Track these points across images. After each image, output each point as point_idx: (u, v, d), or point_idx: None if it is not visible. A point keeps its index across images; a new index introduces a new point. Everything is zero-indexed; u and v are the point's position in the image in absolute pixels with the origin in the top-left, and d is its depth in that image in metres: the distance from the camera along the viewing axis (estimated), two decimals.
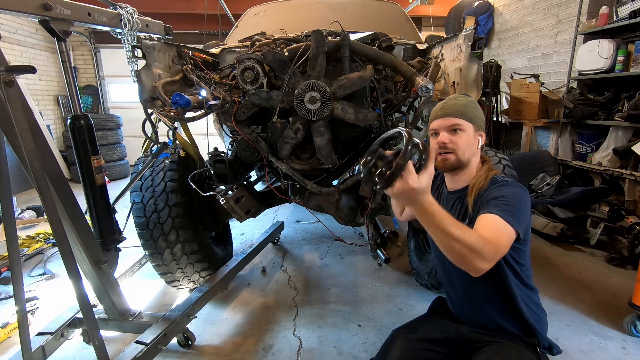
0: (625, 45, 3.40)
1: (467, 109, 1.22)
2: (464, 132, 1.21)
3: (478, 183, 1.19)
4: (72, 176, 5.88)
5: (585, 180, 3.74)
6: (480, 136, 1.24)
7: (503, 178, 1.19)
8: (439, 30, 6.86)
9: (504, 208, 1.04)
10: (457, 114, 1.21)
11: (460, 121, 1.21)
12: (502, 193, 1.10)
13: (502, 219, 1.01)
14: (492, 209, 1.05)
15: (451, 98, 1.28)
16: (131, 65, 1.82)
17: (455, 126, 1.21)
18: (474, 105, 1.24)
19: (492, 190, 1.14)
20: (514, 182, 1.18)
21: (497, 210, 1.03)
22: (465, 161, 1.23)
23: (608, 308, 2.22)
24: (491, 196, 1.11)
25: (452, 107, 1.23)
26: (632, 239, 2.74)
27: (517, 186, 1.14)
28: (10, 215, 1.30)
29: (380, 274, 2.68)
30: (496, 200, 1.08)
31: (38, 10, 1.39)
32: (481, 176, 1.20)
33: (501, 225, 1.00)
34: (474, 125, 1.22)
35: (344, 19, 2.08)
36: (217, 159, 1.94)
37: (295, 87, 1.65)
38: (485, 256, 0.93)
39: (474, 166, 1.24)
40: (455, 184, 1.28)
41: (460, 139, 1.21)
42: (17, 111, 1.20)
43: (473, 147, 1.23)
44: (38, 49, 6.23)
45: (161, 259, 2.05)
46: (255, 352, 1.87)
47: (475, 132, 1.23)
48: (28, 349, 1.43)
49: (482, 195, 1.15)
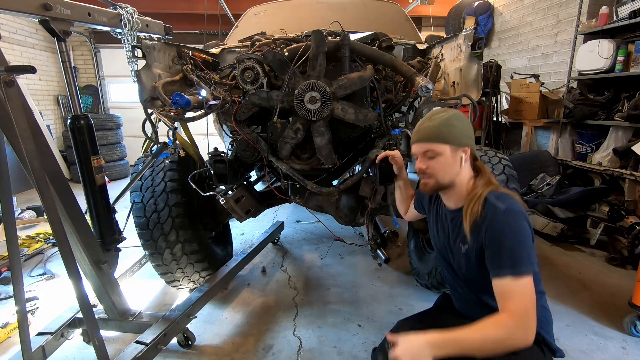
0: (625, 45, 3.40)
1: (441, 130, 1.15)
2: (440, 155, 1.16)
3: (472, 208, 1.12)
4: (72, 176, 5.88)
5: (585, 180, 3.74)
6: (463, 152, 1.16)
7: (496, 196, 1.11)
8: (439, 30, 6.86)
9: (512, 261, 1.01)
10: (430, 138, 1.17)
11: (433, 146, 1.16)
12: (501, 236, 1.04)
13: (516, 277, 0.99)
14: (501, 270, 1.02)
15: (426, 119, 1.22)
16: (131, 65, 1.82)
17: (429, 152, 1.18)
18: (450, 123, 1.16)
19: (489, 223, 1.07)
20: (508, 200, 1.09)
21: (507, 269, 1.00)
22: (446, 183, 1.20)
23: (608, 308, 2.22)
24: (491, 241, 1.06)
25: (425, 131, 1.19)
26: (632, 239, 2.74)
27: (512, 212, 1.06)
28: (10, 215, 1.30)
29: (380, 274, 2.68)
30: (499, 250, 1.03)
31: (38, 10, 1.39)
32: (474, 198, 1.13)
33: (518, 287, 0.98)
34: (451, 146, 1.15)
35: (344, 19, 2.08)
36: (217, 159, 1.93)
37: (295, 87, 1.65)
38: (521, 333, 0.94)
39: (462, 184, 1.19)
40: (449, 202, 1.25)
41: (437, 163, 1.17)
42: (17, 111, 1.20)
43: (453, 168, 1.17)
44: (38, 49, 6.23)
45: (161, 259, 2.05)
46: (255, 352, 1.87)
47: (455, 151, 1.16)
48: (28, 349, 1.43)
49: (478, 223, 1.10)
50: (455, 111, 1.23)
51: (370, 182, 1.96)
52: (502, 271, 1.01)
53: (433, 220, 1.37)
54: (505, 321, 0.96)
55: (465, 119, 1.21)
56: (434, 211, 1.36)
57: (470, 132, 1.20)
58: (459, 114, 1.22)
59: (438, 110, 1.25)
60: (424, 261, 2.41)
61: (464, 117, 1.21)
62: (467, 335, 0.96)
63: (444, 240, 1.28)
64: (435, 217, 1.35)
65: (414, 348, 0.95)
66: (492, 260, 1.06)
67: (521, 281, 0.99)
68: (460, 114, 1.22)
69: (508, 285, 1.00)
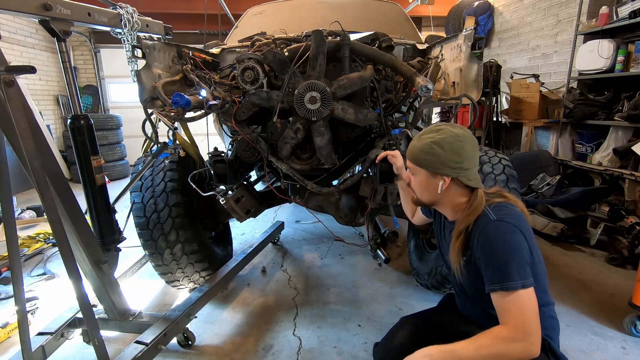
0: (625, 45, 3.40)
1: (420, 154, 1.13)
2: (416, 176, 1.18)
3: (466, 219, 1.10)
4: (72, 176, 5.88)
5: (585, 180, 3.74)
6: (442, 180, 1.11)
7: (493, 207, 1.08)
8: (439, 30, 6.86)
9: (501, 275, 0.99)
10: (411, 157, 1.18)
11: (411, 165, 1.18)
12: (490, 248, 1.02)
13: (507, 292, 0.97)
14: (492, 286, 1.01)
15: (418, 135, 1.19)
16: (131, 65, 1.82)
17: (409, 168, 1.20)
18: (430, 149, 1.10)
19: (479, 235, 1.05)
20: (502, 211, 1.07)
21: (497, 284, 0.99)
22: (425, 202, 1.20)
23: (608, 308, 2.22)
24: (481, 254, 1.04)
25: (410, 149, 1.18)
26: (632, 239, 2.74)
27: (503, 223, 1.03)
28: (10, 215, 1.30)
29: (380, 274, 2.68)
30: (489, 263, 1.02)
31: (38, 10, 1.39)
32: (471, 211, 1.10)
33: (513, 301, 0.97)
34: (426, 171, 1.13)
35: (344, 19, 2.08)
36: (217, 159, 1.93)
37: (295, 87, 1.65)
38: (522, 346, 0.93)
39: (450, 203, 1.16)
40: (446, 213, 1.24)
41: (413, 182, 1.20)
42: (17, 111, 1.20)
43: (431, 192, 1.15)
44: (38, 49, 6.23)
45: (161, 259, 2.05)
46: (255, 352, 1.87)
47: (431, 177, 1.13)
48: (28, 349, 1.43)
49: (470, 236, 1.09)
50: (447, 135, 1.10)
51: (370, 182, 1.96)
52: (493, 286, 1.01)
53: (437, 228, 1.36)
54: (503, 335, 0.95)
55: (458, 145, 1.09)
56: (438, 218, 1.34)
57: (459, 161, 1.09)
58: (450, 139, 1.09)
59: (432, 128, 1.16)
60: (424, 261, 2.41)
61: (454, 143, 1.09)
62: (463, 348, 0.96)
63: (446, 248, 1.26)
64: (439, 224, 1.34)
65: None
66: (484, 273, 1.05)
67: (514, 294, 0.97)
68: (453, 139, 1.09)
69: (502, 299, 0.99)
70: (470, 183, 1.11)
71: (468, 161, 1.11)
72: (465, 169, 1.10)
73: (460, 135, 1.11)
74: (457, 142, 1.09)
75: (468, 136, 1.12)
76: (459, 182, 1.11)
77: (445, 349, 0.98)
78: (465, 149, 1.10)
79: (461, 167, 1.10)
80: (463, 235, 1.10)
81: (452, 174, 1.10)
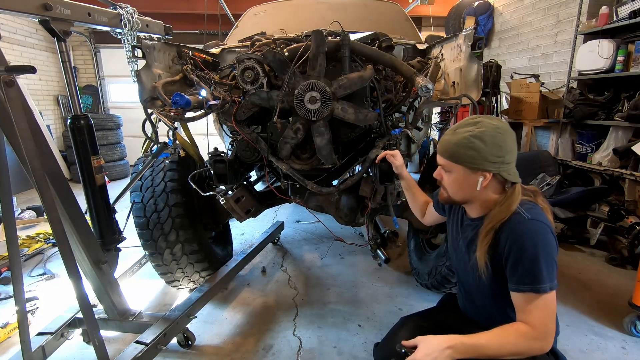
0: (625, 45, 3.40)
1: (458, 150, 1.06)
2: (451, 173, 1.11)
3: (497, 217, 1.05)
4: (72, 176, 5.88)
5: (585, 180, 3.74)
6: (481, 176, 1.05)
7: (525, 207, 1.04)
8: (439, 30, 6.86)
9: (532, 276, 0.97)
10: (445, 153, 1.11)
11: (446, 162, 1.11)
12: (523, 247, 0.99)
13: (537, 294, 0.97)
14: (521, 286, 0.99)
15: (451, 130, 1.12)
16: (131, 65, 1.82)
17: (442, 166, 1.13)
18: (469, 144, 1.04)
19: (509, 232, 1.02)
20: (535, 211, 1.03)
21: (528, 285, 0.98)
22: (459, 200, 1.15)
23: (608, 308, 2.22)
24: (512, 251, 1.00)
25: (443, 145, 1.12)
26: (632, 239, 2.74)
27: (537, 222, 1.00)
28: (10, 215, 1.30)
29: (380, 274, 2.68)
30: (519, 262, 0.99)
31: (38, 10, 1.39)
32: (501, 211, 1.05)
33: (541, 302, 0.97)
34: (464, 167, 1.07)
35: (344, 19, 2.08)
36: (217, 159, 1.93)
37: (295, 87, 1.65)
38: (540, 344, 0.96)
39: (483, 200, 1.11)
40: (471, 212, 1.19)
41: (450, 178, 1.12)
42: (17, 111, 1.20)
43: (466, 189, 1.10)
44: (38, 49, 6.23)
45: (161, 259, 2.05)
46: (255, 352, 1.87)
47: (470, 173, 1.06)
48: (28, 349, 1.43)
49: (498, 232, 1.04)
50: (487, 127, 1.04)
51: (370, 182, 1.96)
52: (522, 287, 0.99)
53: (453, 225, 1.31)
54: (527, 333, 0.96)
55: (500, 138, 1.03)
56: (455, 216, 1.30)
57: (501, 154, 1.03)
58: (491, 131, 1.04)
59: (468, 121, 1.09)
60: (424, 261, 2.41)
61: (496, 136, 1.03)
62: (488, 342, 0.96)
63: (463, 246, 1.23)
64: (455, 221, 1.29)
65: (436, 353, 0.95)
66: (511, 272, 1.01)
67: (542, 297, 0.97)
68: (493, 131, 1.04)
69: (529, 300, 0.98)
70: (510, 178, 1.06)
71: (510, 154, 1.06)
72: (507, 162, 1.05)
73: (501, 127, 1.05)
74: (498, 134, 1.04)
75: (507, 128, 1.07)
76: (499, 177, 1.06)
77: (468, 342, 0.97)
78: (506, 141, 1.05)
79: (503, 162, 1.05)
80: (492, 230, 1.05)
81: (493, 169, 1.04)
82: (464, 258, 1.22)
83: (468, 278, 1.21)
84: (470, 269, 1.16)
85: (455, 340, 0.97)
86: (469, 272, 1.18)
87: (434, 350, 0.95)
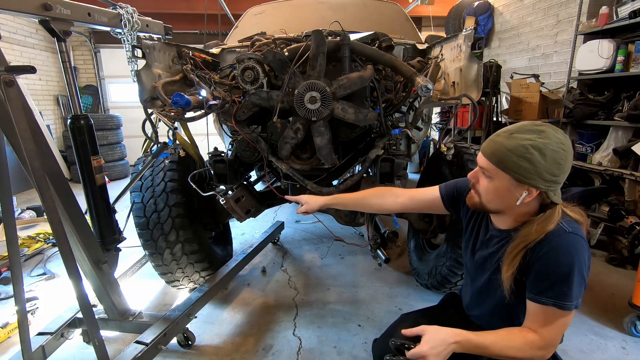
0: (625, 45, 3.40)
1: (510, 156, 0.94)
2: (492, 180, 1.00)
3: (530, 236, 0.98)
4: (72, 176, 5.88)
5: (585, 180, 3.73)
6: (526, 191, 0.96)
7: (564, 220, 0.98)
8: (439, 30, 6.86)
9: (560, 292, 0.92)
10: (492, 157, 0.98)
11: (490, 167, 0.99)
12: (557, 259, 0.93)
13: (560, 310, 0.93)
14: (544, 299, 0.94)
15: (506, 131, 0.99)
16: (131, 65, 1.82)
17: (483, 169, 1.02)
18: (527, 154, 0.92)
19: (546, 242, 0.95)
20: (574, 225, 0.98)
21: (552, 299, 0.93)
22: (491, 209, 1.06)
23: (608, 308, 2.22)
24: (543, 261, 0.95)
25: (491, 146, 0.99)
26: (632, 239, 2.74)
27: (577, 238, 0.95)
28: (10, 215, 1.30)
29: (380, 274, 2.68)
30: (549, 274, 0.94)
31: (38, 10, 1.39)
32: (531, 235, 0.97)
33: (560, 319, 0.95)
34: (510, 177, 0.95)
35: (344, 19, 2.08)
36: (217, 159, 1.93)
37: (295, 87, 1.65)
38: (544, 353, 0.96)
39: (515, 214, 1.04)
40: (498, 222, 1.11)
41: (489, 185, 1.01)
42: (17, 111, 1.20)
43: (506, 201, 1.00)
44: (38, 49, 6.23)
45: (161, 259, 2.05)
46: (255, 352, 1.87)
47: (515, 185, 0.96)
48: (28, 349, 1.43)
49: (531, 247, 0.97)
50: (552, 140, 0.92)
51: (370, 182, 1.96)
52: (544, 299, 0.94)
53: (473, 228, 1.23)
54: (534, 342, 0.96)
55: (561, 155, 0.93)
56: (476, 220, 1.23)
57: (557, 174, 0.94)
58: (554, 146, 0.92)
59: (529, 127, 0.96)
60: (424, 261, 2.41)
61: (558, 152, 0.92)
62: (493, 343, 0.96)
63: (484, 255, 1.15)
64: (477, 227, 1.21)
65: (442, 347, 0.93)
66: (536, 282, 0.96)
67: (563, 314, 0.94)
68: (557, 147, 0.92)
69: (547, 313, 0.95)
70: (554, 199, 0.98)
71: (564, 174, 0.96)
72: (558, 183, 0.96)
73: (565, 142, 0.94)
74: (561, 150, 0.93)
75: (570, 145, 0.96)
76: (544, 195, 0.97)
77: (474, 340, 0.95)
78: (567, 160, 0.94)
79: (556, 181, 0.95)
80: (524, 250, 0.98)
81: (543, 187, 0.95)
82: (484, 267, 1.16)
83: (484, 286, 1.17)
84: (487, 280, 1.13)
85: (462, 336, 0.95)
86: (486, 282, 1.14)
87: (440, 344, 0.93)
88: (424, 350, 0.92)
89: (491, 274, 1.12)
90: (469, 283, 1.31)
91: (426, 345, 0.93)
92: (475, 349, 0.96)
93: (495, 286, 1.08)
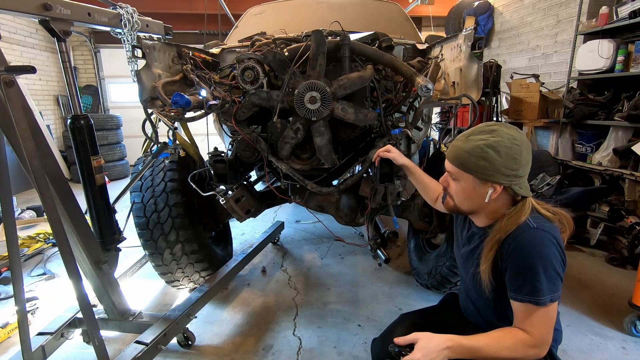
0: (625, 45, 3.40)
1: (469, 158, 1.01)
2: (459, 182, 1.07)
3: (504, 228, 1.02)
4: (72, 176, 5.88)
5: (585, 180, 3.73)
6: (491, 188, 1.01)
7: (534, 217, 1.02)
8: (439, 30, 6.86)
9: (531, 287, 0.95)
10: (455, 161, 1.06)
11: (454, 170, 1.07)
12: (524, 256, 0.96)
13: (536, 306, 0.95)
14: (519, 296, 0.97)
15: (463, 136, 1.06)
16: (131, 65, 1.82)
17: (450, 174, 1.10)
18: (482, 154, 0.99)
19: (512, 240, 0.99)
20: (542, 221, 1.00)
21: (526, 295, 0.96)
22: (465, 210, 1.11)
23: (608, 308, 2.22)
24: (512, 259, 0.98)
25: (454, 152, 1.06)
26: (632, 239, 2.74)
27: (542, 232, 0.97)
28: (10, 215, 1.30)
29: (380, 274, 2.68)
30: (519, 272, 0.97)
31: (38, 10, 1.39)
32: (501, 230, 1.02)
33: (541, 313, 0.96)
34: (474, 177, 1.02)
35: (344, 19, 2.08)
36: (217, 159, 1.93)
37: (295, 87, 1.65)
38: (537, 351, 0.96)
39: (487, 211, 1.08)
40: (476, 221, 1.16)
41: (454, 188, 1.09)
42: (17, 111, 1.20)
43: (475, 200, 1.06)
44: (38, 49, 6.23)
45: (161, 259, 2.05)
46: (255, 352, 1.87)
47: (479, 184, 1.02)
48: (28, 349, 1.43)
49: (503, 242, 1.01)
50: (503, 137, 0.99)
51: (370, 182, 1.96)
52: (521, 297, 0.97)
53: (458, 227, 1.29)
54: (525, 340, 0.96)
55: (516, 150, 0.98)
56: (461, 219, 1.28)
57: (515, 168, 0.99)
58: (507, 142, 0.98)
59: (483, 128, 1.03)
60: (424, 261, 2.41)
61: (512, 148, 0.98)
62: (485, 346, 0.96)
63: (467, 252, 1.21)
64: (461, 225, 1.27)
65: (434, 353, 0.95)
66: (511, 281, 1.00)
67: (542, 309, 0.96)
68: (510, 142, 0.98)
69: (528, 310, 0.97)
70: (521, 192, 1.02)
71: (524, 168, 1.02)
72: (519, 176, 1.01)
73: (517, 138, 1.00)
74: (514, 146, 0.99)
75: (524, 139, 1.01)
76: (510, 190, 1.02)
77: (466, 344, 0.96)
78: (522, 154, 1.00)
79: (516, 175, 1.00)
80: (497, 243, 1.03)
81: (505, 182, 1.00)
82: (467, 263, 1.20)
83: (470, 283, 1.20)
84: (471, 276, 1.15)
85: (454, 341, 0.97)
86: (471, 278, 1.17)
87: (432, 351, 0.95)
88: (417, 357, 0.94)
89: (473, 270, 1.14)
90: (461, 282, 1.33)
91: (419, 353, 0.95)
92: (468, 353, 0.96)
93: (479, 282, 1.10)
